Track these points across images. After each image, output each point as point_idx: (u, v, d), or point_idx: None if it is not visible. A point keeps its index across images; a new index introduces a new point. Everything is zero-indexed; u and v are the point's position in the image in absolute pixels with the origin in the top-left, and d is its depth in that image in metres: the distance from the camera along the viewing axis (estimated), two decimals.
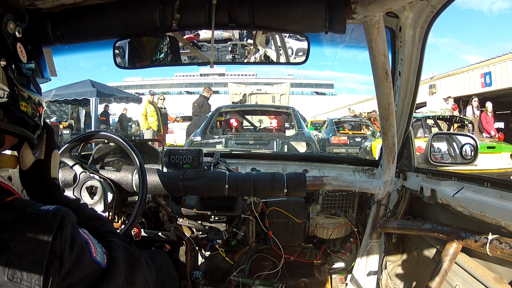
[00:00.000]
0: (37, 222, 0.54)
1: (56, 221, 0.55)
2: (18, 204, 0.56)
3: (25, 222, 0.53)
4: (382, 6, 0.99)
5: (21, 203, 0.57)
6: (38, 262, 0.51)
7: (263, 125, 5.87)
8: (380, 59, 1.16)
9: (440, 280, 1.14)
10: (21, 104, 0.64)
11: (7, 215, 0.54)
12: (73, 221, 0.58)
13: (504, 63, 9.06)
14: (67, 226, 0.56)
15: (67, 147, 1.34)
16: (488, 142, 5.92)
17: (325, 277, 1.97)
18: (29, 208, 0.56)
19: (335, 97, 42.53)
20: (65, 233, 0.55)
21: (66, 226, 0.55)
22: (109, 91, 11.37)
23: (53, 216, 0.55)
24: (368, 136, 8.56)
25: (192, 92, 42.54)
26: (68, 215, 0.58)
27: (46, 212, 0.56)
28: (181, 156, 1.51)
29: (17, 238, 0.52)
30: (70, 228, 0.56)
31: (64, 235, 0.54)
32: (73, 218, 0.59)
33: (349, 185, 1.58)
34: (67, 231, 0.55)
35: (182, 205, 1.66)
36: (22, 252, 0.51)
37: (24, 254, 0.51)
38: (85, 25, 1.06)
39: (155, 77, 49.28)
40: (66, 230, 0.55)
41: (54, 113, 12.71)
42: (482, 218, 1.04)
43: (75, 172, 1.31)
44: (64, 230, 0.55)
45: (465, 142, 1.79)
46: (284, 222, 1.76)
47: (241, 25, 1.05)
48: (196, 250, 1.67)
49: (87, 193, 1.28)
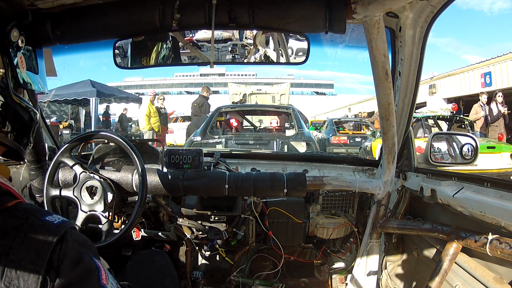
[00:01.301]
0: (38, 233, 0.54)
1: (58, 234, 0.55)
2: (21, 212, 0.56)
3: (27, 231, 0.53)
4: (382, 6, 0.99)
5: (24, 210, 0.56)
6: (35, 271, 0.51)
7: (263, 125, 5.87)
8: (380, 59, 1.16)
9: (440, 280, 1.14)
10: (14, 115, 0.64)
11: (9, 222, 0.53)
12: (79, 241, 0.58)
13: (504, 63, 9.05)
14: (69, 241, 0.55)
15: (67, 147, 1.34)
16: (487, 142, 5.92)
17: (325, 277, 1.97)
18: (32, 217, 0.55)
19: (335, 97, 42.52)
20: (65, 246, 0.54)
21: (68, 241, 0.55)
22: (109, 91, 11.38)
23: (56, 229, 0.55)
24: (368, 136, 8.56)
25: (192, 92, 42.52)
26: (73, 233, 0.57)
27: (50, 224, 0.56)
28: (181, 156, 1.51)
29: (16, 246, 0.52)
30: (73, 244, 0.56)
31: (64, 248, 0.54)
32: (80, 237, 0.59)
33: (349, 185, 1.58)
34: (69, 246, 0.55)
35: (182, 205, 1.66)
36: (20, 260, 0.51)
37: (22, 262, 0.51)
38: (85, 25, 1.06)
39: (155, 77, 49.29)
40: (67, 244, 0.55)
41: (54, 113, 12.71)
42: (482, 218, 1.04)
43: (75, 172, 1.31)
44: (64, 244, 0.54)
45: (465, 142, 1.79)
46: (284, 222, 1.76)
47: (241, 25, 1.05)
48: (196, 250, 1.67)
49: (87, 193, 1.28)
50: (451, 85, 11.34)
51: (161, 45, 1.26)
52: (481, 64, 10.08)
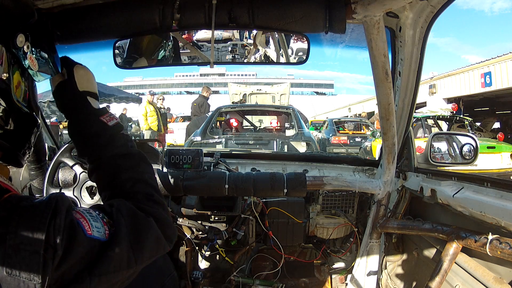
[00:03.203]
0: (31, 213, 0.54)
1: (50, 210, 0.54)
2: (14, 200, 0.56)
3: (20, 214, 0.53)
4: (382, 6, 0.99)
5: (17, 198, 0.57)
6: (35, 252, 0.51)
7: (263, 125, 5.87)
8: (380, 59, 1.16)
9: (440, 280, 1.14)
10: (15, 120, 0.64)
11: (2, 211, 0.53)
12: (67, 205, 0.58)
13: (504, 63, 9.05)
14: (61, 212, 0.55)
15: (67, 147, 1.34)
16: (487, 142, 5.92)
17: (325, 277, 1.97)
18: (24, 201, 0.55)
19: (335, 97, 42.58)
20: (58, 220, 0.54)
21: (60, 212, 0.55)
22: (109, 91, 11.38)
23: (47, 205, 0.55)
24: (368, 136, 8.57)
25: (192, 92, 42.57)
26: (61, 201, 0.57)
27: (40, 202, 0.56)
28: (181, 156, 1.51)
29: (12, 231, 0.51)
30: (64, 214, 0.56)
31: (58, 222, 0.54)
32: (67, 201, 0.59)
33: (349, 185, 1.58)
34: (61, 218, 0.55)
35: (182, 205, 1.66)
36: (18, 244, 0.51)
37: (20, 245, 0.51)
38: (85, 25, 1.05)
39: (155, 77, 49.40)
40: (59, 217, 0.55)
41: (54, 113, 12.69)
42: (482, 218, 1.04)
43: (75, 172, 1.31)
44: (57, 218, 0.54)
45: (465, 142, 1.79)
46: (284, 222, 1.76)
47: (241, 25, 1.05)
48: (196, 250, 1.67)
49: (87, 193, 1.28)
50: (451, 85, 11.33)
51: (161, 45, 1.26)
52: (481, 64, 10.08)
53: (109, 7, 1.03)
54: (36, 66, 0.67)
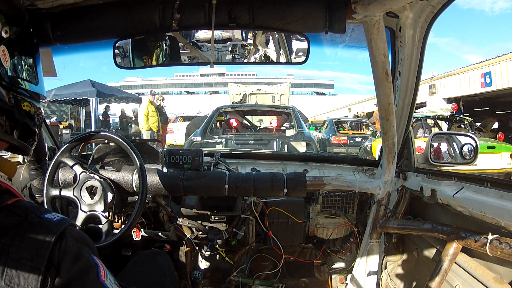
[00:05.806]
0: (38, 230, 0.54)
1: (57, 231, 0.55)
2: (20, 210, 0.56)
3: (26, 229, 0.53)
4: (382, 6, 0.99)
5: (23, 208, 0.56)
6: (36, 269, 0.51)
7: (263, 125, 5.86)
8: (380, 59, 1.16)
9: (440, 280, 1.14)
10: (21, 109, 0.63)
11: (8, 220, 0.53)
12: (78, 238, 0.58)
13: (504, 63, 9.04)
14: (68, 238, 0.56)
15: (67, 147, 1.34)
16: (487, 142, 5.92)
17: (325, 277, 1.97)
18: (31, 214, 0.55)
19: (335, 97, 42.58)
20: (64, 243, 0.54)
21: (67, 238, 0.55)
22: (109, 91, 11.38)
23: (56, 226, 0.55)
24: (368, 136, 8.56)
25: (192, 92, 42.57)
26: (72, 230, 0.57)
27: (49, 221, 0.56)
28: (181, 156, 1.51)
29: (16, 244, 0.52)
30: (72, 241, 0.56)
31: (64, 245, 0.54)
32: (79, 234, 0.59)
33: (349, 185, 1.58)
34: (68, 243, 0.55)
35: (182, 205, 1.66)
36: (20, 258, 0.51)
37: (22, 260, 0.51)
38: (85, 25, 1.06)
39: (155, 77, 49.36)
40: (67, 241, 0.55)
41: (54, 113, 12.72)
42: (482, 218, 1.04)
43: (75, 172, 1.31)
44: (64, 241, 0.55)
45: (465, 142, 1.79)
46: (284, 222, 1.76)
47: (241, 25, 1.05)
48: (196, 250, 1.67)
49: (87, 193, 1.28)
50: (451, 85, 11.32)
51: (161, 45, 1.26)
52: (481, 64, 10.07)
53: (109, 7, 1.04)
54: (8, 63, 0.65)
